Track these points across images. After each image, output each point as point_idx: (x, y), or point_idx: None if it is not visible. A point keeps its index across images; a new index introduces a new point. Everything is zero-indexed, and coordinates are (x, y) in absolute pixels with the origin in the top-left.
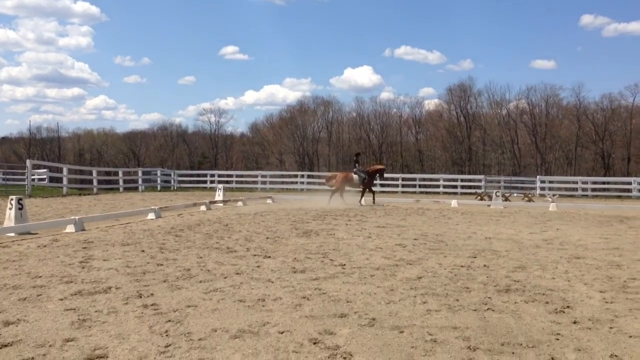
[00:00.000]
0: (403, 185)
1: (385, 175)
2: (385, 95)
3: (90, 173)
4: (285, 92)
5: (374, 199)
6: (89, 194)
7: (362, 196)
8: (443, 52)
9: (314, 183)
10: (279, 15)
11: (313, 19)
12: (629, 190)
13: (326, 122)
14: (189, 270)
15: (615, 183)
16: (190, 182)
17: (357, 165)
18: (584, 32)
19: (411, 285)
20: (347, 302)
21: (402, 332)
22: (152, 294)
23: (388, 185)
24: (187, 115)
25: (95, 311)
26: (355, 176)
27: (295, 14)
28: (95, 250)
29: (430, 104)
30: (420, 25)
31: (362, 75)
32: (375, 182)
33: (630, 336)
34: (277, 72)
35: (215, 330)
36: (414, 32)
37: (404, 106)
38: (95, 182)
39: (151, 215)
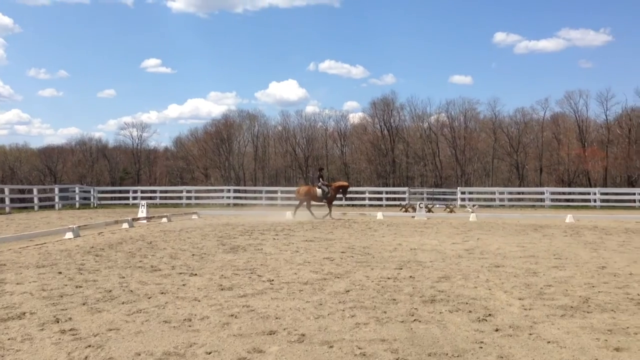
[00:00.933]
0: None
1: None
2: (310, 108)
3: (2, 191)
4: (210, 106)
5: (330, 213)
6: (0, 214)
7: (330, 210)
8: (366, 66)
9: (240, 198)
10: (203, 28)
11: (237, 32)
12: (542, 200)
13: (252, 136)
14: (110, 291)
15: (529, 193)
16: (111, 198)
17: (320, 179)
18: (497, 49)
19: (340, 299)
20: (276, 318)
21: (331, 347)
22: (70, 318)
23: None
24: (108, 130)
25: (8, 339)
26: (318, 190)
27: (219, 27)
28: (8, 274)
29: (355, 118)
30: (344, 40)
31: (287, 89)
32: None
33: (549, 342)
34: (201, 86)
35: (139, 354)
36: (338, 46)
37: (329, 120)
38: (7, 201)
39: (69, 235)
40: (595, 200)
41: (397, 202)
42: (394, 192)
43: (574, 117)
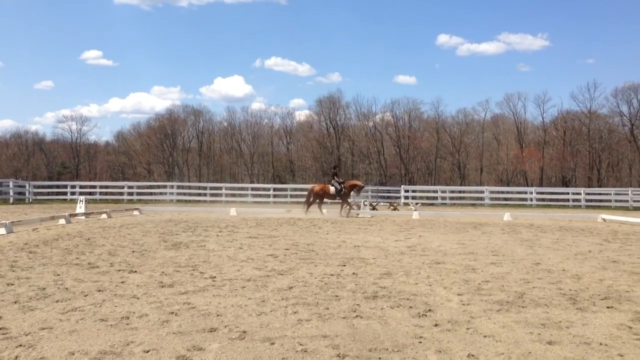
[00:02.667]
0: (275, 196)
1: (257, 185)
2: (256, 105)
3: None
4: (154, 101)
5: (348, 211)
6: None
7: (341, 208)
8: (312, 64)
9: (184, 194)
10: (146, 21)
11: (181, 26)
12: (481, 199)
13: (197, 131)
14: (44, 289)
15: (470, 192)
16: (48, 194)
17: (335, 177)
18: (440, 51)
19: (282, 296)
20: (217, 315)
21: (273, 343)
22: (0, 317)
23: (260, 196)
24: (45, 123)
25: None
26: (332, 188)
27: (163, 20)
28: None
29: (301, 115)
30: (290, 37)
31: (233, 85)
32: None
33: (485, 336)
34: (144, 80)
35: (73, 354)
36: (284, 43)
37: (275, 116)
38: None
39: (1, 231)
40: (531, 199)
41: None
42: None
43: (512, 119)
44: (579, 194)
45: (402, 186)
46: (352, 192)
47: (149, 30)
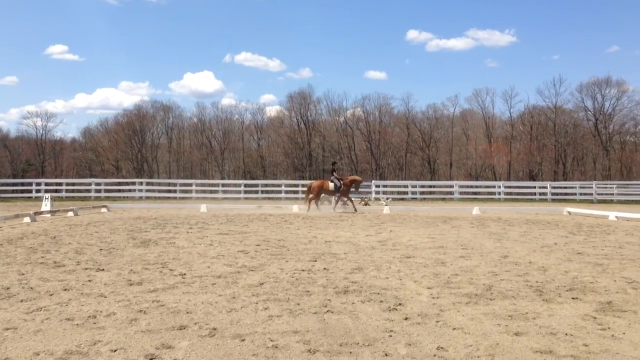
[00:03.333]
0: (245, 192)
1: (228, 181)
2: (226, 101)
3: None
4: (121, 96)
5: (354, 206)
6: None
7: (335, 203)
8: (283, 60)
9: (153, 191)
10: (112, 15)
11: (149, 20)
12: (451, 193)
13: (166, 127)
14: (8, 288)
15: (440, 187)
16: (12, 191)
17: (333, 173)
18: (410, 46)
19: (253, 292)
20: (187, 313)
21: (243, 340)
22: None
23: (230, 192)
24: (9, 119)
25: None
26: (331, 184)
27: (130, 14)
28: None
29: (272, 111)
30: (260, 32)
31: (202, 81)
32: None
33: (454, 328)
34: (111, 75)
35: (38, 354)
36: (255, 39)
37: (245, 112)
38: None
39: None
40: (499, 193)
41: None
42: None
43: (481, 114)
44: (545, 187)
45: (373, 181)
46: (351, 188)
47: (117, 24)
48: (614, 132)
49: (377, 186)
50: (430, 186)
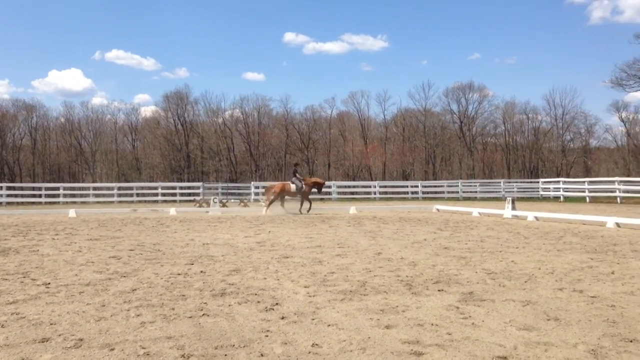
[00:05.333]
0: (120, 195)
1: (100, 185)
2: (97, 100)
3: None
4: None
5: (309, 208)
6: None
7: (301, 205)
8: (158, 59)
9: (15, 196)
10: None
11: (9, 14)
12: (329, 193)
13: (29, 128)
14: None
15: None
16: None
17: (295, 174)
18: (287, 49)
19: (125, 299)
20: (51, 324)
21: (112, 349)
22: None
23: (103, 196)
24: None
25: None
26: (292, 185)
27: None
28: None
29: (147, 111)
30: (133, 29)
31: (70, 79)
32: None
33: (329, 325)
34: None
35: None
36: (126, 36)
37: (119, 112)
38: None
39: None
40: (375, 193)
41: (192, 198)
42: (189, 188)
43: (357, 116)
44: (417, 186)
45: (252, 182)
46: (312, 189)
47: None
48: (477, 134)
49: (257, 187)
50: None
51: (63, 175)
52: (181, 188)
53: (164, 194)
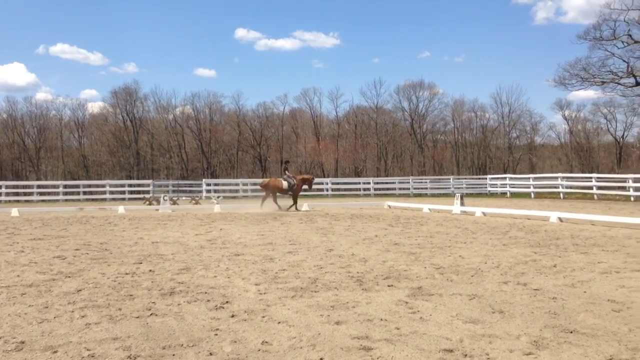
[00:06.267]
0: (66, 193)
1: (44, 182)
2: (42, 95)
3: None
4: None
5: (296, 206)
6: None
7: (295, 202)
8: (105, 53)
9: None
10: None
11: None
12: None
13: None
14: None
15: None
16: None
17: (286, 172)
18: (239, 45)
19: (69, 300)
20: None
21: (55, 352)
22: None
23: (48, 194)
24: None
25: None
26: (284, 182)
27: None
28: None
29: (94, 107)
30: (79, 22)
31: (12, 73)
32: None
33: (279, 322)
34: None
35: None
36: (72, 29)
37: (64, 108)
38: None
39: None
40: (327, 190)
41: (142, 196)
42: (138, 185)
43: (309, 113)
44: (369, 183)
45: (203, 180)
46: (303, 186)
47: None
48: (427, 131)
49: (209, 185)
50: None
51: (5, 173)
52: (130, 186)
53: (112, 192)
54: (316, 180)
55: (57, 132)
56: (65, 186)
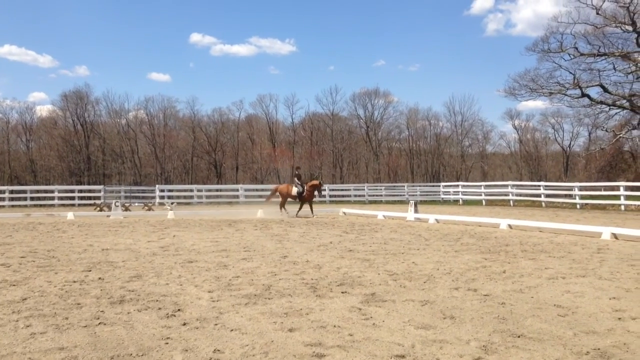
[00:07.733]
0: (12, 199)
1: None
2: None
3: None
4: None
5: (312, 210)
6: None
7: (300, 208)
8: (55, 56)
9: None
10: None
11: None
12: (237, 197)
13: None
14: None
15: (226, 190)
16: None
17: (298, 178)
18: (194, 50)
19: (13, 309)
20: None
21: None
22: None
23: None
24: None
25: None
26: (294, 189)
27: None
28: None
29: (43, 110)
30: (27, 23)
31: None
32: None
33: (232, 330)
34: None
35: None
36: (19, 30)
37: (11, 111)
38: None
39: None
40: None
41: (92, 202)
42: (89, 191)
43: (265, 119)
44: (324, 190)
45: (157, 186)
46: (314, 193)
47: None
48: (382, 138)
49: (162, 191)
50: (216, 190)
51: None
52: (80, 191)
53: (61, 198)
54: (273, 186)
55: (4, 135)
56: (11, 191)
